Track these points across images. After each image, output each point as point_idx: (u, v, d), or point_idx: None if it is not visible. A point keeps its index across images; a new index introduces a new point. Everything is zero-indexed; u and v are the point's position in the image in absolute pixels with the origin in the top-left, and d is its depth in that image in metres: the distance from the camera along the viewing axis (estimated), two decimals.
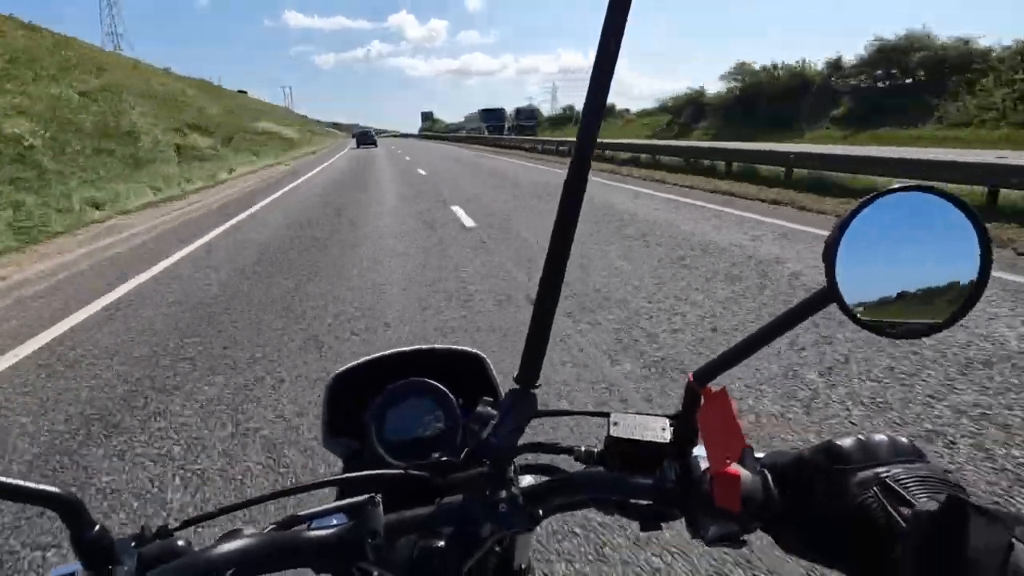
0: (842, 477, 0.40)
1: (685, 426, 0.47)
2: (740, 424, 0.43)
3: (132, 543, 0.42)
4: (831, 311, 0.41)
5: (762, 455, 0.46)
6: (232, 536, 0.43)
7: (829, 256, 0.39)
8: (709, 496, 0.43)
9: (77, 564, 0.40)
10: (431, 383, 0.62)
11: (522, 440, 0.47)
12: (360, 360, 0.67)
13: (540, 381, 0.45)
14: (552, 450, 0.53)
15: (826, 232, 0.40)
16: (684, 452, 0.47)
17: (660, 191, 11.29)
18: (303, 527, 0.46)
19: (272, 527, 0.45)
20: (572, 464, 0.51)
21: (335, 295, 4.69)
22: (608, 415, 0.51)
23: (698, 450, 0.47)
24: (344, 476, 0.52)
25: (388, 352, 0.68)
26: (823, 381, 2.87)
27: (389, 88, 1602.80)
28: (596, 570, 1.71)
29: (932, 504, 0.35)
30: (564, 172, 0.41)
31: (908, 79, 28.92)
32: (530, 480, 0.52)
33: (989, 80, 24.74)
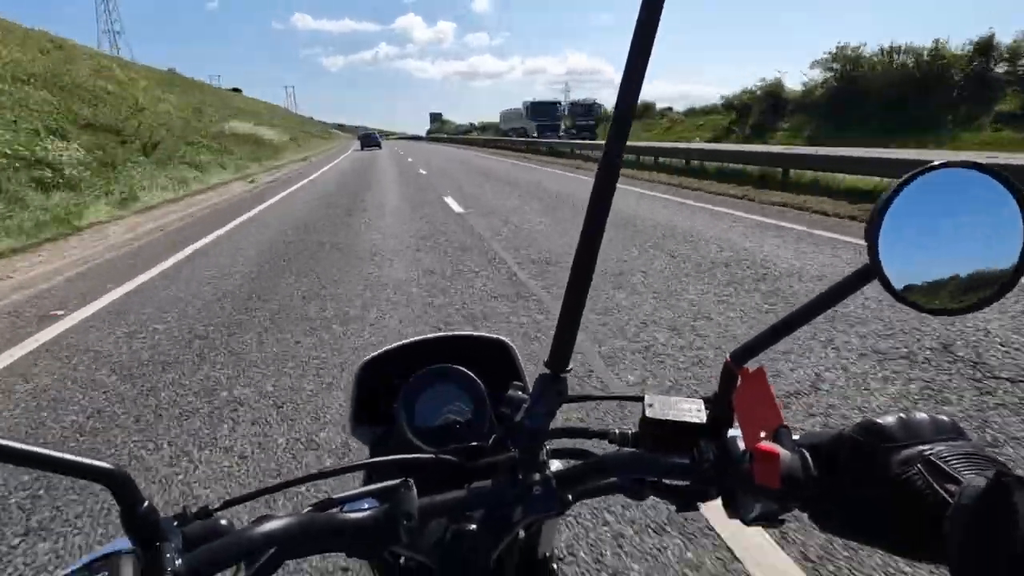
0: (885, 455, 0.40)
1: (721, 406, 0.47)
2: (778, 403, 0.43)
3: (175, 522, 0.42)
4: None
5: (798, 436, 0.46)
6: (265, 519, 0.43)
7: (872, 232, 0.38)
8: (748, 474, 0.43)
9: (123, 541, 0.40)
10: (459, 369, 0.63)
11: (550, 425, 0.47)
12: (386, 348, 0.69)
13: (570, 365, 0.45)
14: (585, 434, 0.53)
15: None
16: (720, 433, 0.47)
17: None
18: (336, 510, 0.45)
19: (309, 509, 0.45)
20: (602, 448, 0.51)
21: None
22: (642, 398, 0.51)
23: (733, 431, 0.47)
24: (377, 460, 0.53)
25: (413, 339, 0.70)
26: None
27: (396, 90, 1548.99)
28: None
29: (979, 480, 0.35)
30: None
31: None
32: (559, 464, 0.51)
33: None
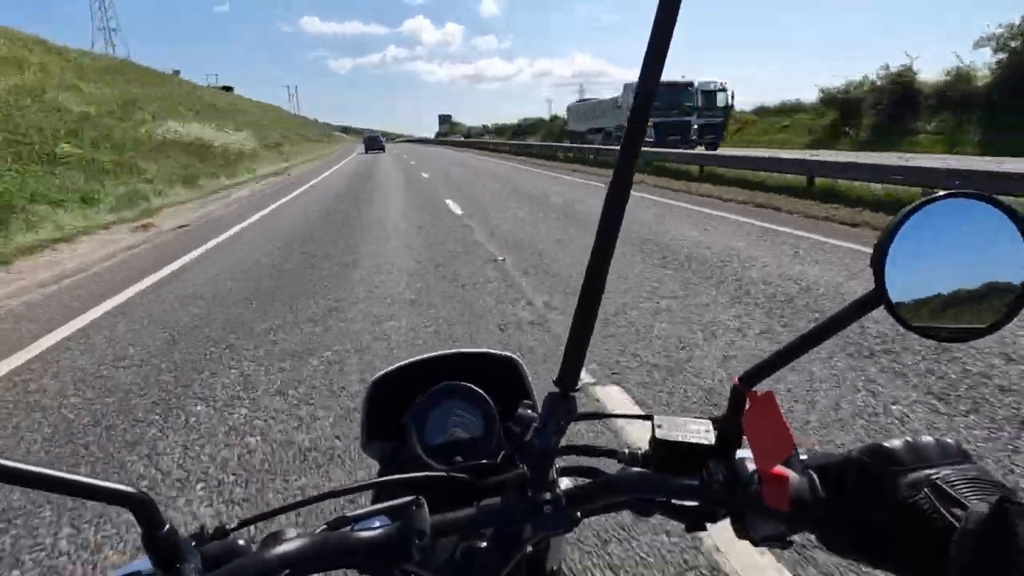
0: (892, 478, 0.41)
1: (730, 428, 0.47)
2: (789, 426, 0.43)
3: (192, 542, 0.42)
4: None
5: (806, 456, 0.46)
6: (276, 537, 0.43)
7: (878, 260, 0.39)
8: (758, 496, 0.43)
9: (145, 562, 0.40)
10: (468, 386, 0.64)
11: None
12: (397, 365, 0.69)
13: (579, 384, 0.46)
14: (595, 452, 0.54)
15: None
16: (728, 453, 0.47)
17: None
18: (348, 528, 0.45)
19: (323, 528, 0.45)
20: (610, 466, 0.52)
21: None
22: (651, 417, 0.51)
23: (742, 452, 0.47)
24: (389, 478, 0.53)
25: (423, 357, 0.70)
26: None
27: (404, 93, 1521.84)
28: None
29: (984, 505, 0.35)
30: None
31: None
32: (568, 482, 0.52)
33: None
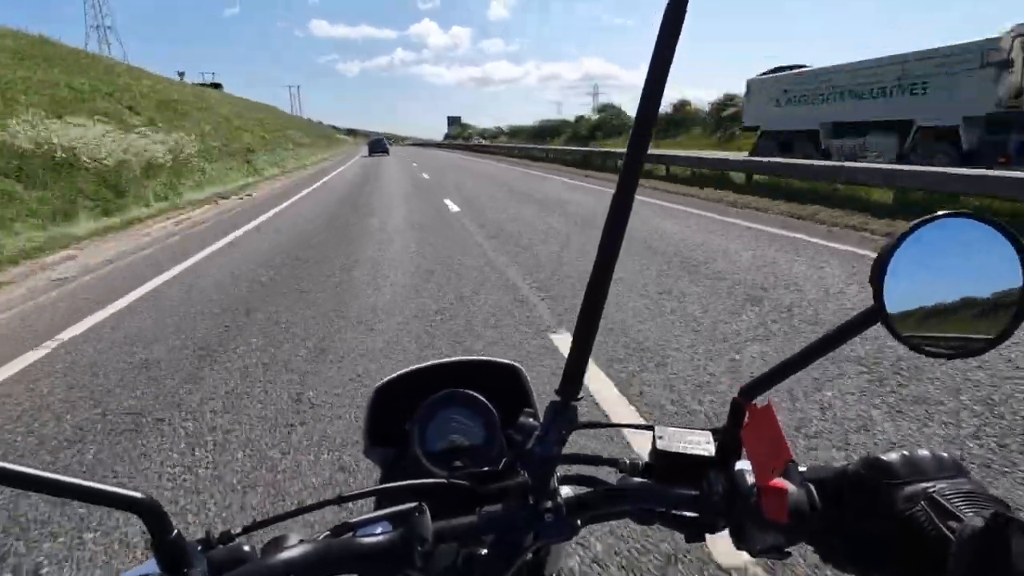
0: (888, 491, 0.41)
1: (730, 440, 0.48)
2: (786, 439, 0.43)
3: (199, 547, 0.43)
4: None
5: (805, 469, 0.46)
6: (279, 542, 0.44)
7: (876, 279, 0.39)
8: (757, 508, 0.44)
9: (152, 565, 0.41)
10: (471, 394, 0.65)
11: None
12: (400, 372, 0.70)
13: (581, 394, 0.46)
14: (595, 461, 0.54)
15: None
16: (728, 465, 0.48)
17: None
18: (350, 535, 0.46)
19: (327, 534, 0.46)
20: (609, 476, 0.52)
21: None
22: (652, 428, 0.51)
23: (741, 463, 0.48)
24: (391, 485, 0.53)
25: (426, 364, 0.71)
26: None
27: (411, 95, 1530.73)
28: None
29: (979, 519, 0.35)
30: None
31: None
32: (569, 491, 0.52)
33: None
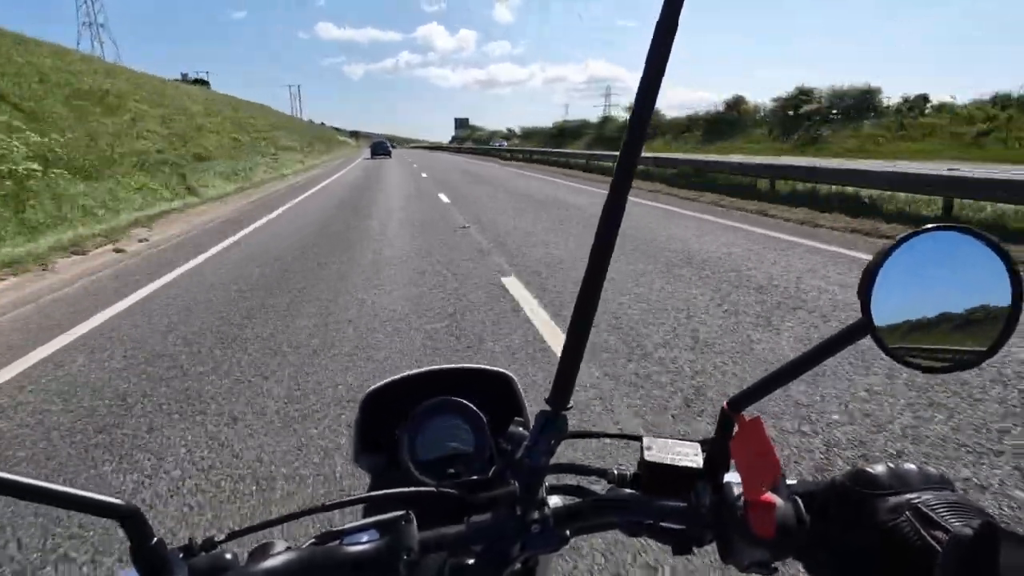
0: (873, 502, 0.41)
1: (718, 452, 0.48)
2: (775, 452, 0.43)
3: (180, 554, 0.42)
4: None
5: (793, 481, 0.46)
6: (264, 549, 0.44)
7: (865, 291, 0.39)
8: (744, 522, 0.43)
9: (131, 573, 0.40)
10: (462, 402, 0.64)
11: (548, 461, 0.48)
12: (391, 378, 0.70)
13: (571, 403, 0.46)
14: (584, 471, 0.54)
15: None
16: (716, 477, 0.48)
17: None
18: (336, 543, 0.45)
19: (312, 542, 0.45)
20: (599, 485, 0.52)
21: None
22: (641, 438, 0.51)
23: (729, 476, 0.48)
24: (378, 493, 0.53)
25: (417, 371, 0.71)
26: None
27: (416, 98, 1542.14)
28: None
29: (966, 529, 0.35)
30: None
31: None
32: (557, 501, 0.51)
33: None
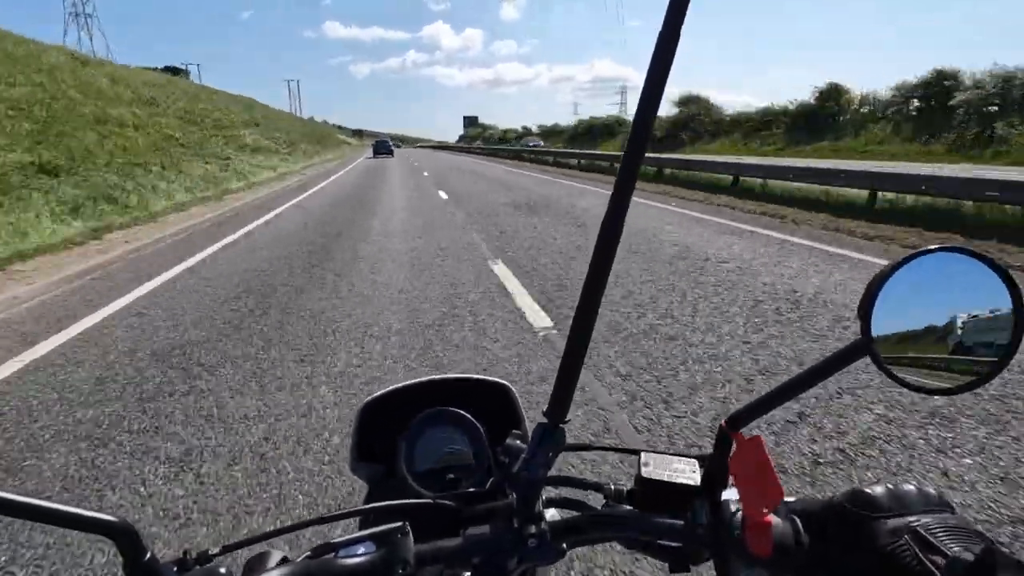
0: (872, 525, 0.40)
1: (716, 469, 0.47)
2: (775, 473, 0.43)
3: (174, 568, 0.42)
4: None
5: (791, 499, 0.46)
6: (260, 562, 0.44)
7: (865, 311, 0.39)
8: (741, 540, 0.43)
9: None
10: (460, 413, 0.64)
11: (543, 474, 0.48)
12: (388, 389, 0.70)
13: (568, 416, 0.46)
14: (581, 485, 0.53)
15: None
16: (714, 494, 0.47)
17: None
18: (331, 556, 0.45)
19: (307, 555, 0.45)
20: (597, 500, 0.51)
21: None
22: (638, 453, 0.51)
23: (727, 493, 0.47)
24: (374, 506, 0.53)
25: (415, 381, 0.70)
26: None
27: (423, 97, 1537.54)
28: None
29: (966, 555, 0.35)
30: None
31: None
32: (554, 513, 0.51)
33: None
